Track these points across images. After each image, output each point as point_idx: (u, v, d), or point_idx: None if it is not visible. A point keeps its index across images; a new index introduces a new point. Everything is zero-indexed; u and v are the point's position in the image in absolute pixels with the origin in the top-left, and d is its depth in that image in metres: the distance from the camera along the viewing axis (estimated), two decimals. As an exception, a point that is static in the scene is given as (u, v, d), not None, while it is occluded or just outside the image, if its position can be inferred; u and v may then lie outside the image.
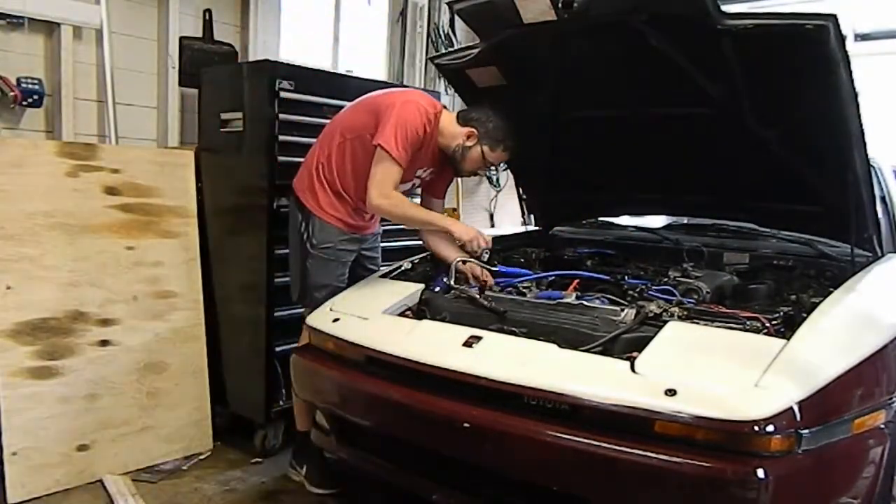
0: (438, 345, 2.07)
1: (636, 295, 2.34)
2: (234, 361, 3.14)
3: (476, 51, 2.70)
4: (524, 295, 2.46)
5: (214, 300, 3.15)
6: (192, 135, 3.51)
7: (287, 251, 2.94)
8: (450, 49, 3.64)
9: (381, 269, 2.85)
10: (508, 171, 4.36)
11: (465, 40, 4.66)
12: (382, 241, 3.03)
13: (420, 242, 2.80)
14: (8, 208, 2.63)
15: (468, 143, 2.62)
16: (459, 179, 4.80)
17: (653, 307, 2.14)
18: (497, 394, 1.85)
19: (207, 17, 3.68)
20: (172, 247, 3.05)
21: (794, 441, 1.56)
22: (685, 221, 3.26)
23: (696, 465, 1.56)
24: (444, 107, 2.70)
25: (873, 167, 2.49)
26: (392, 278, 2.67)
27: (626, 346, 1.92)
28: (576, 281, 2.51)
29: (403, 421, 2.09)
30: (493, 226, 5.79)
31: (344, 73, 4.18)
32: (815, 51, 2.03)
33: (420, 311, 2.41)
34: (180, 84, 3.56)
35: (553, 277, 2.62)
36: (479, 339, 2.02)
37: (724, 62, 2.26)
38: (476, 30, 2.69)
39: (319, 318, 2.43)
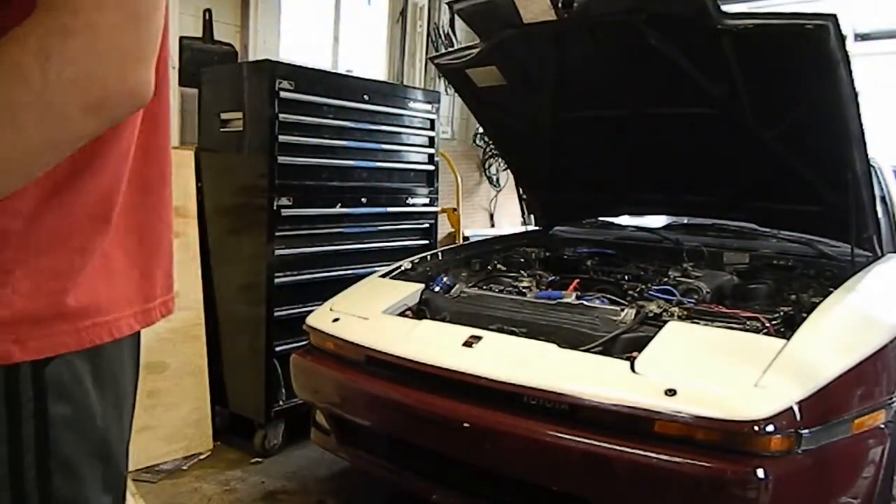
0: (438, 345, 2.07)
1: (636, 295, 2.34)
2: (234, 361, 3.14)
3: (476, 51, 2.71)
4: (524, 295, 2.46)
5: (214, 300, 3.15)
6: (192, 135, 3.51)
7: (287, 251, 2.94)
8: (450, 49, 3.64)
9: (381, 269, 2.85)
10: (508, 171, 4.36)
11: (465, 40, 4.66)
12: (380, 241, 2.99)
13: (421, 242, 2.74)
14: (8, 208, 2.63)
15: None
16: (459, 179, 4.80)
17: (653, 307, 2.14)
18: (497, 394, 1.85)
19: (207, 16, 3.68)
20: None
21: (794, 441, 1.57)
22: (685, 221, 3.26)
23: (695, 465, 1.56)
24: None
25: (873, 167, 2.50)
26: (392, 278, 2.67)
27: (626, 346, 1.92)
28: (575, 281, 2.51)
29: (403, 421, 2.09)
30: (493, 226, 5.79)
31: (344, 73, 4.18)
32: (815, 51, 2.03)
33: (420, 311, 2.41)
34: (180, 84, 3.56)
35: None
36: (479, 338, 2.02)
37: (724, 62, 2.26)
38: (476, 30, 2.69)
39: (319, 318, 2.43)
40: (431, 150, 3.69)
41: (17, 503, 0.63)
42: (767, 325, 1.92)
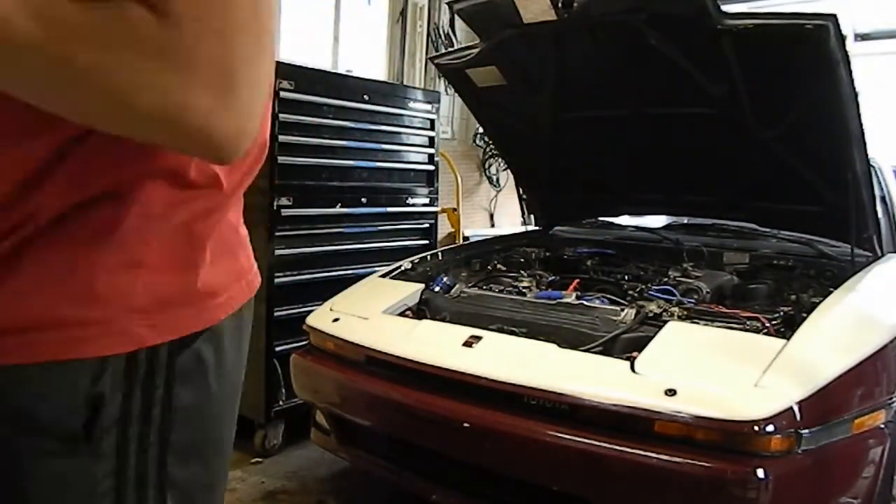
0: (438, 345, 2.07)
1: (636, 295, 2.34)
2: (234, 361, 3.13)
3: (476, 51, 2.71)
4: (524, 295, 2.46)
5: (214, 300, 3.14)
6: (192, 135, 3.51)
7: (287, 251, 2.94)
8: (450, 49, 3.64)
9: (381, 269, 2.85)
10: (508, 171, 4.35)
11: (465, 40, 4.66)
12: (380, 241, 2.97)
13: (421, 242, 2.73)
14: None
15: None
16: (459, 179, 4.80)
17: (653, 307, 2.14)
18: (497, 394, 1.85)
19: (207, 17, 3.68)
20: (172, 247, 3.04)
21: (794, 441, 1.57)
22: (685, 221, 3.26)
23: (695, 465, 1.56)
24: None
25: (873, 167, 2.50)
26: (392, 278, 2.67)
27: (626, 346, 1.92)
28: (575, 281, 2.51)
29: (403, 421, 2.09)
30: (493, 226, 5.79)
31: (344, 73, 4.18)
32: (815, 51, 2.03)
33: (420, 311, 2.41)
34: (180, 84, 3.56)
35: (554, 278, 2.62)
36: (479, 338, 2.02)
37: (724, 62, 2.26)
38: (476, 30, 2.69)
39: (319, 318, 2.43)
40: (431, 150, 3.69)
41: (138, 485, 0.68)
42: (767, 325, 1.92)
